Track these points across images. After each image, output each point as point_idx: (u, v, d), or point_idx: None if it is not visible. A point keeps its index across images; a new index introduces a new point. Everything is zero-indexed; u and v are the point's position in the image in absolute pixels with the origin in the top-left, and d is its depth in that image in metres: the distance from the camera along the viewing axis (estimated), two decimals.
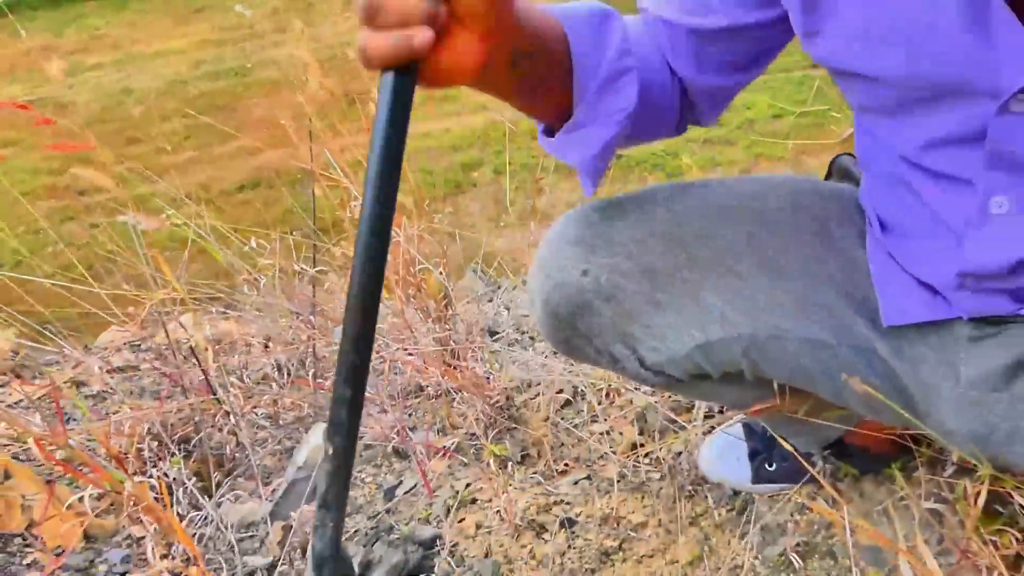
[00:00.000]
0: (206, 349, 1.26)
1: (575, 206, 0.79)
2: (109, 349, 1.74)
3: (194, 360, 1.29)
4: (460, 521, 0.98)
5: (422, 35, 0.44)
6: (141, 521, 0.91)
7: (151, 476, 1.01)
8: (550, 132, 0.65)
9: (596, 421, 1.16)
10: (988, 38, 0.51)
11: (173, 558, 0.84)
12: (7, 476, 0.93)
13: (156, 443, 1.13)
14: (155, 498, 0.84)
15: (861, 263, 0.69)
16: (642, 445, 1.08)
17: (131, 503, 0.80)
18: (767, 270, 0.68)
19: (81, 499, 0.87)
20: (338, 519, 0.57)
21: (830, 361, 0.67)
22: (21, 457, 1.13)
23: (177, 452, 1.16)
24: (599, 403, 1.18)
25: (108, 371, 1.48)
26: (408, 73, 0.46)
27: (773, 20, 0.64)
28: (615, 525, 0.91)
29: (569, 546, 0.89)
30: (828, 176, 0.81)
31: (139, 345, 1.71)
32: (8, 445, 1.05)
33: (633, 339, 0.71)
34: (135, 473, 0.99)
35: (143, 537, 0.99)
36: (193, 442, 1.20)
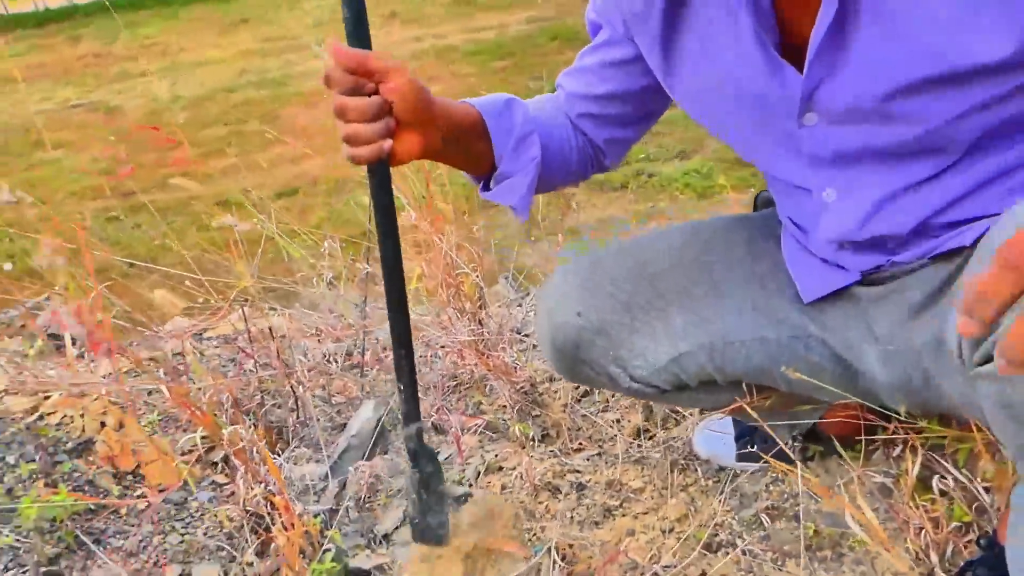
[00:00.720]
0: (273, 337, 1.46)
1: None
2: (176, 336, 1.95)
3: (258, 344, 1.50)
4: (487, 484, 1.16)
5: (386, 144, 0.73)
6: (228, 466, 1.10)
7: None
8: (485, 187, 0.90)
9: (608, 410, 1.34)
10: (783, 82, 0.73)
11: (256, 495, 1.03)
12: (121, 426, 1.13)
13: (232, 411, 1.34)
14: (242, 446, 1.03)
15: (783, 265, 0.89)
16: (647, 430, 1.26)
17: (229, 445, 1.00)
18: (714, 289, 0.89)
19: (192, 447, 1.07)
20: (418, 427, 0.87)
21: (777, 352, 0.86)
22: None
23: (247, 420, 1.36)
24: (611, 396, 1.37)
25: (181, 352, 1.69)
26: (383, 163, 0.75)
27: (654, 86, 0.87)
28: (618, 489, 1.09)
29: (579, 504, 1.07)
30: (755, 208, 1.01)
31: (199, 334, 1.92)
32: (117, 402, 1.25)
33: (622, 360, 0.92)
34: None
35: (225, 484, 1.19)
36: (258, 415, 1.40)
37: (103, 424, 1.13)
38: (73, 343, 1.66)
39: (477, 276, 1.41)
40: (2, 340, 1.83)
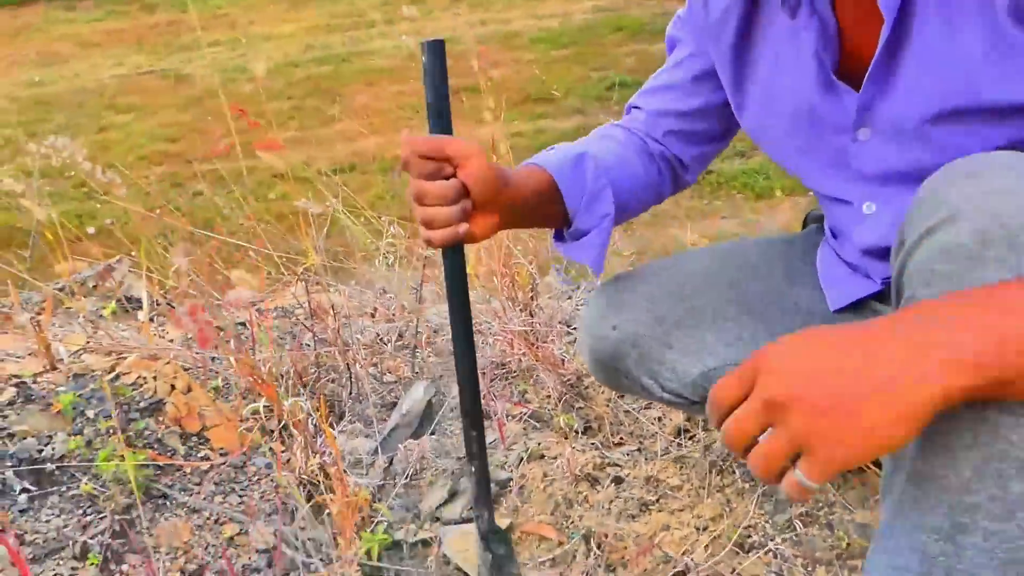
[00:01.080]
0: (334, 315, 1.53)
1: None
2: (238, 305, 2.03)
3: (317, 320, 1.56)
4: (530, 470, 1.20)
5: (462, 228, 0.76)
6: (283, 435, 1.17)
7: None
8: (558, 237, 0.93)
9: (650, 408, 1.37)
10: (838, 98, 0.77)
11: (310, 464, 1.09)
12: (189, 390, 1.21)
13: (290, 382, 1.40)
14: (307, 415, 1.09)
15: (819, 286, 0.91)
16: (687, 430, 1.28)
17: (288, 415, 1.06)
18: (748, 311, 0.92)
19: (253, 414, 1.14)
20: (488, 510, 0.88)
21: None
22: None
23: (303, 392, 1.43)
24: None
25: (246, 323, 1.77)
26: (458, 246, 0.78)
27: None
28: (655, 484, 1.12)
29: (617, 496, 1.11)
30: (804, 225, 1.04)
31: (256, 305, 2.00)
32: (189, 369, 1.33)
33: (654, 372, 0.95)
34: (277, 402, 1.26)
35: (282, 451, 1.26)
36: (311, 388, 1.47)
37: (173, 387, 1.20)
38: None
39: (532, 267, 1.45)
40: (78, 300, 1.94)
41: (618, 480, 1.15)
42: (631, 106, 1.01)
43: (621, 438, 1.29)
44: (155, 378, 1.20)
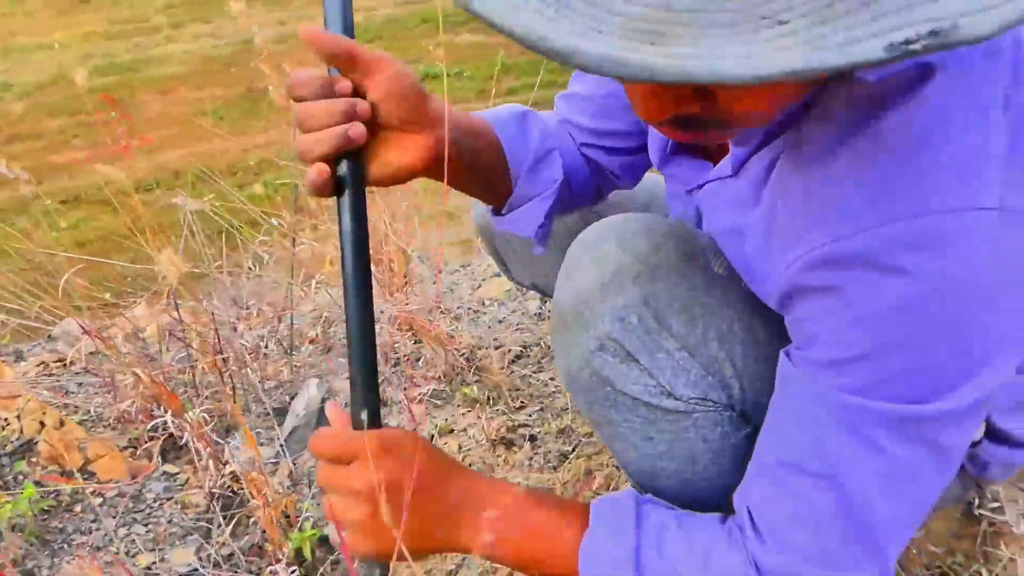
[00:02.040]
0: (215, 326, 1.44)
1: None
2: (87, 333, 1.85)
3: (187, 333, 1.47)
4: (444, 444, 1.22)
5: (353, 130, 0.57)
6: (191, 452, 1.10)
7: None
8: (497, 212, 0.80)
9: (542, 371, 1.43)
10: (676, 168, 0.72)
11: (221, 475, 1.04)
12: (62, 424, 1.10)
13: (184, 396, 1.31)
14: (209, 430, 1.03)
15: None
16: None
17: (192, 429, 1.00)
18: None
19: (129, 443, 1.06)
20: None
21: None
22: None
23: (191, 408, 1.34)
24: (543, 358, 1.45)
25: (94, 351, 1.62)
26: (354, 178, 0.57)
27: None
28: (569, 435, 1.17)
29: (535, 453, 1.15)
30: None
31: (101, 330, 1.84)
32: (55, 403, 1.20)
33: (503, 261, 1.10)
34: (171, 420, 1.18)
35: (176, 473, 1.18)
36: (195, 403, 1.38)
37: (42, 424, 1.09)
38: None
39: (411, 249, 1.45)
40: None
41: (532, 438, 1.19)
42: (556, 104, 0.88)
43: (523, 402, 1.33)
44: (19, 417, 1.08)
